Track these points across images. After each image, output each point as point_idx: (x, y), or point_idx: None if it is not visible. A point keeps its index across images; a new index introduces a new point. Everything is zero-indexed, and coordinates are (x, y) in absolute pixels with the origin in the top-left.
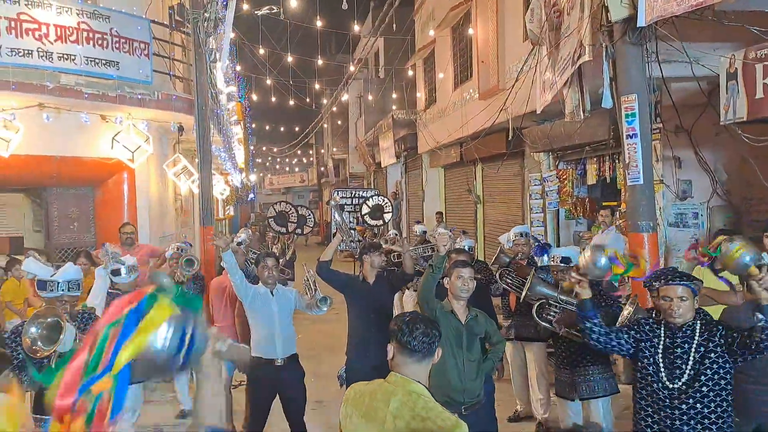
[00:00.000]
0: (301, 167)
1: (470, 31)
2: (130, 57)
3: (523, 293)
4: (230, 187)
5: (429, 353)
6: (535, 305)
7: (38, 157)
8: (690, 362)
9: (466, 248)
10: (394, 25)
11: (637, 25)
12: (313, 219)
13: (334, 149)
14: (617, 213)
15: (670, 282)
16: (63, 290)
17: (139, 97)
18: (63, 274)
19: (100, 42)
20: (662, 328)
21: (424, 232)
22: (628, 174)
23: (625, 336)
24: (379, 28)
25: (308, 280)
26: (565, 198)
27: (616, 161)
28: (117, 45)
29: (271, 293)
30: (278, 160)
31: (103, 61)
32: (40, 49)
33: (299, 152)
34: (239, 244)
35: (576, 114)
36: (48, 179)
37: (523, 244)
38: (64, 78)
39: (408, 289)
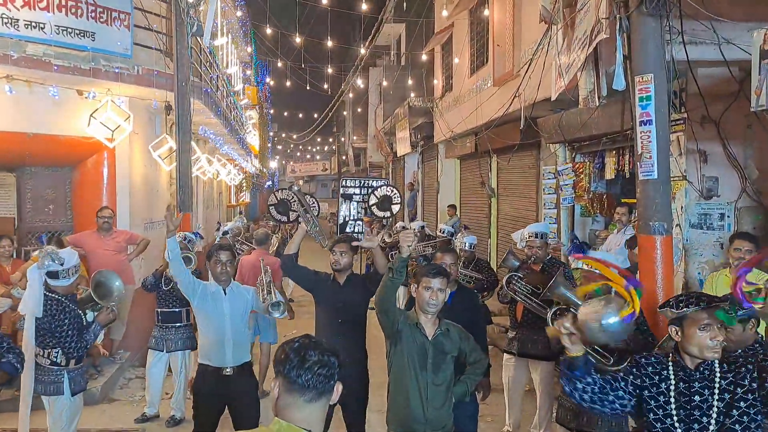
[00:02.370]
0: (324, 155)
1: (486, 12)
2: (108, 28)
3: (543, 292)
4: (245, 173)
5: (326, 390)
6: (551, 310)
7: (8, 134)
8: (714, 414)
9: (467, 246)
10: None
11: None
12: (317, 208)
13: (354, 138)
14: (635, 211)
15: (711, 306)
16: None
17: (117, 71)
18: (69, 259)
19: (73, 10)
20: (670, 368)
21: (423, 228)
22: (641, 167)
23: (622, 384)
24: (399, 13)
25: (262, 281)
26: (580, 193)
27: None
28: (93, 14)
29: (224, 292)
30: (300, 147)
31: (77, 31)
32: (4, 15)
33: (320, 140)
34: (225, 233)
35: (590, 100)
36: (20, 158)
37: (538, 246)
38: (30, 48)
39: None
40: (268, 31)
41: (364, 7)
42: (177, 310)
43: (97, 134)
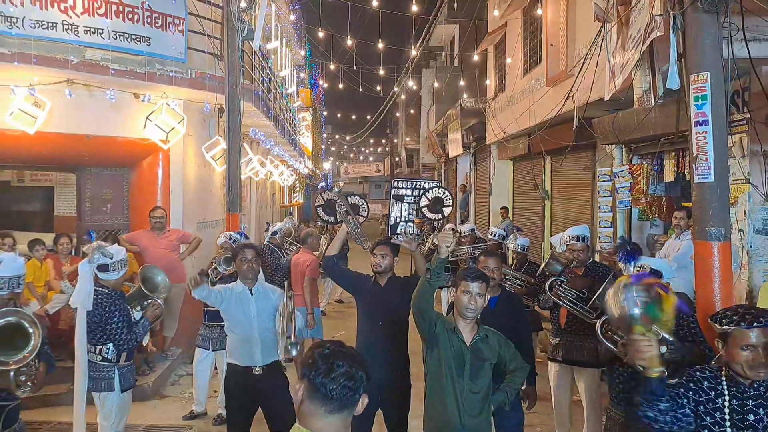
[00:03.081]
0: (377, 157)
1: (539, 12)
2: (163, 32)
3: (590, 297)
4: (298, 174)
5: (349, 403)
6: (601, 320)
7: (68, 136)
8: None
9: (520, 248)
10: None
11: None
12: (366, 209)
13: (407, 139)
14: None
15: (755, 326)
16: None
17: (171, 74)
18: (117, 254)
19: (130, 16)
20: (724, 382)
21: (473, 230)
22: (696, 169)
23: (684, 401)
24: (451, 14)
25: (282, 310)
26: (638, 196)
27: None
28: (149, 20)
29: (250, 292)
30: (353, 149)
31: (133, 36)
32: (65, 22)
33: (373, 141)
34: (274, 234)
35: (646, 99)
36: (80, 159)
37: (580, 249)
38: (89, 53)
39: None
40: (321, 34)
41: (416, 8)
42: None
43: (153, 136)
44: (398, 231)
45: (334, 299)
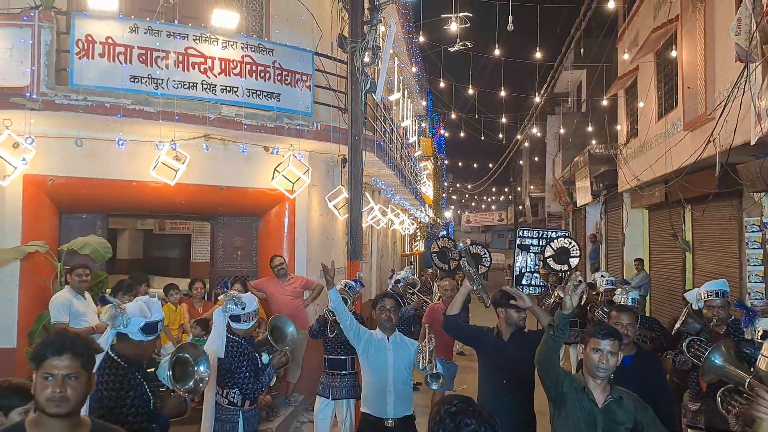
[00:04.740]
0: (499, 205)
1: (674, 53)
2: (292, 89)
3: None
4: (419, 223)
5: None
6: (722, 388)
7: (205, 187)
8: None
9: (630, 301)
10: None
11: None
12: (489, 259)
13: (531, 187)
14: None
15: None
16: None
17: (298, 128)
18: (249, 304)
19: (262, 74)
20: None
21: (613, 282)
22: None
23: None
24: (578, 59)
25: (423, 348)
26: None
27: None
28: (279, 77)
29: (387, 340)
30: (475, 197)
31: (265, 93)
32: (204, 82)
33: (495, 189)
34: (397, 282)
35: None
36: (214, 208)
37: (719, 306)
38: (225, 109)
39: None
40: (443, 84)
41: (540, 56)
42: (342, 357)
43: (280, 186)
44: (523, 282)
45: (455, 351)
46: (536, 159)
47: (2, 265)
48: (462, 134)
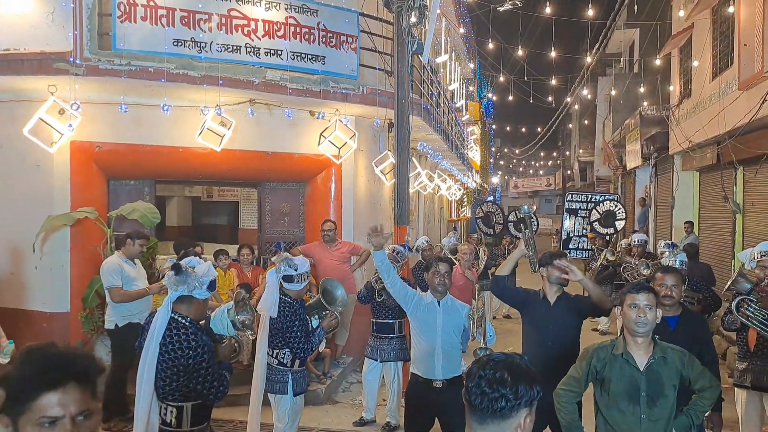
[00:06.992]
0: (547, 170)
1: (731, 9)
2: (337, 51)
3: None
4: (466, 188)
5: (496, 416)
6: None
7: (251, 152)
8: None
9: (678, 263)
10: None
11: None
12: (536, 224)
13: (580, 151)
14: None
15: None
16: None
17: (344, 92)
18: (301, 266)
19: (307, 36)
20: None
21: (645, 242)
22: None
23: None
24: (631, 18)
25: (472, 313)
26: None
27: None
28: (324, 39)
29: (438, 303)
30: (523, 162)
31: (310, 56)
32: (248, 45)
33: (543, 154)
34: (417, 249)
35: None
36: (261, 174)
37: None
38: (269, 73)
39: None
40: (491, 46)
41: (592, 13)
42: (390, 321)
43: (326, 152)
44: (570, 246)
45: (501, 314)
46: (586, 122)
47: (53, 232)
48: (510, 97)
